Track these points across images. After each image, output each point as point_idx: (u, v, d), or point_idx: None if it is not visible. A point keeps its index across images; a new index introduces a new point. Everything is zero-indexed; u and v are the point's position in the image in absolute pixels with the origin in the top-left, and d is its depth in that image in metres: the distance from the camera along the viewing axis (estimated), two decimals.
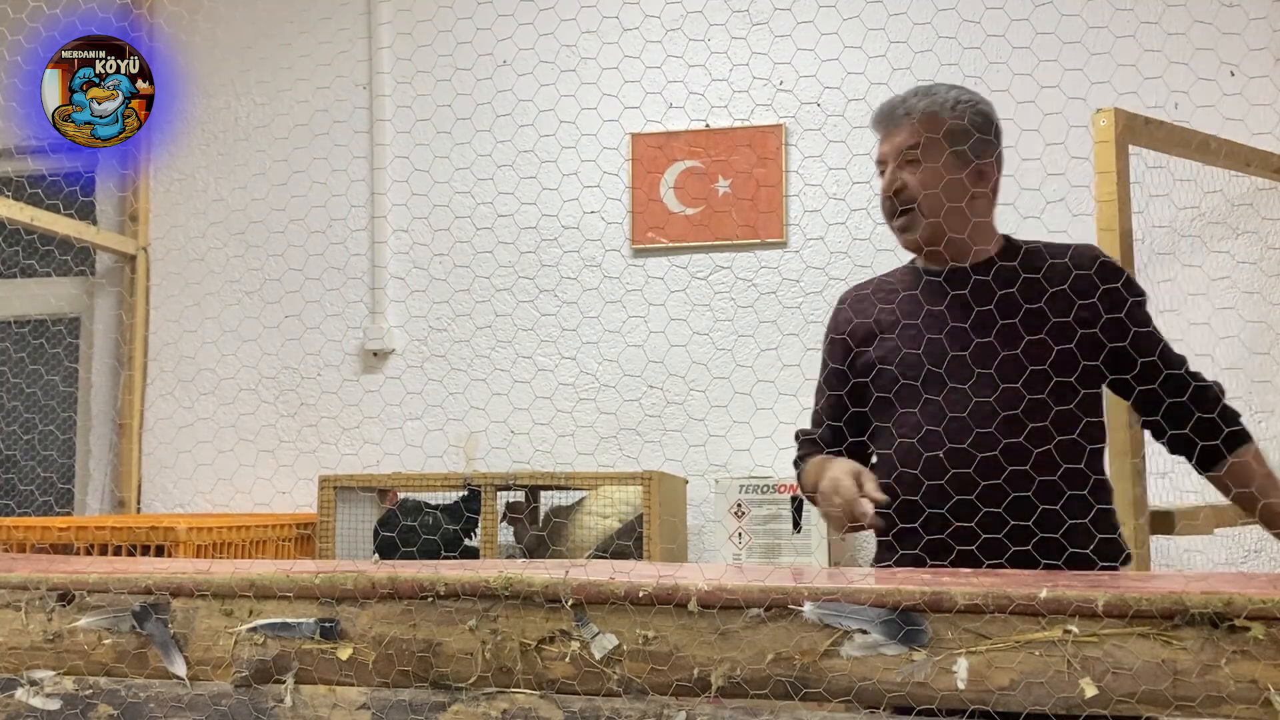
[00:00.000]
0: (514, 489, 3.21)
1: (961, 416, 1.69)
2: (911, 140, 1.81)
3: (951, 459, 1.67)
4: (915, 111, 1.83)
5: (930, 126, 1.81)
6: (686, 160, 3.51)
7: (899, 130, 1.84)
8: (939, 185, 1.78)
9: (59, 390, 4.06)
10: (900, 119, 1.84)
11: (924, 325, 1.80)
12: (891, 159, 1.84)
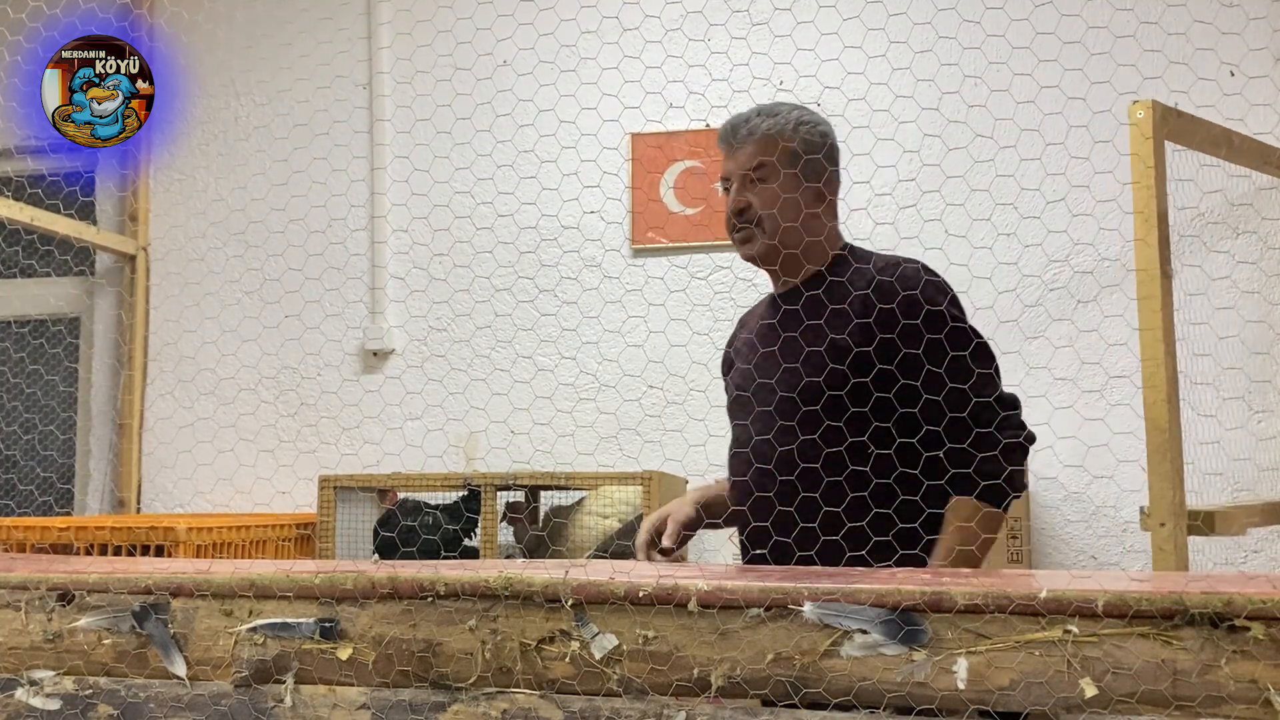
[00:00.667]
0: (514, 489, 3.21)
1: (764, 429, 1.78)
2: (755, 160, 1.87)
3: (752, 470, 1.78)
4: (759, 132, 1.88)
5: (773, 147, 1.87)
6: (686, 160, 3.51)
7: (743, 149, 1.89)
8: (780, 205, 1.84)
9: (59, 390, 4.06)
10: (744, 139, 1.89)
11: (756, 341, 1.91)
12: (736, 177, 1.90)
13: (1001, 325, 3.25)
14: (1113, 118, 3.13)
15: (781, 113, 1.90)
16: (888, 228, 3.33)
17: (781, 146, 1.87)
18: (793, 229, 1.85)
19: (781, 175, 1.85)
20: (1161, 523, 2.20)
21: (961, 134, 3.27)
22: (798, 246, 1.87)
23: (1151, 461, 2.20)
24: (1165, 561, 2.17)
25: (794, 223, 1.85)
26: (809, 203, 1.87)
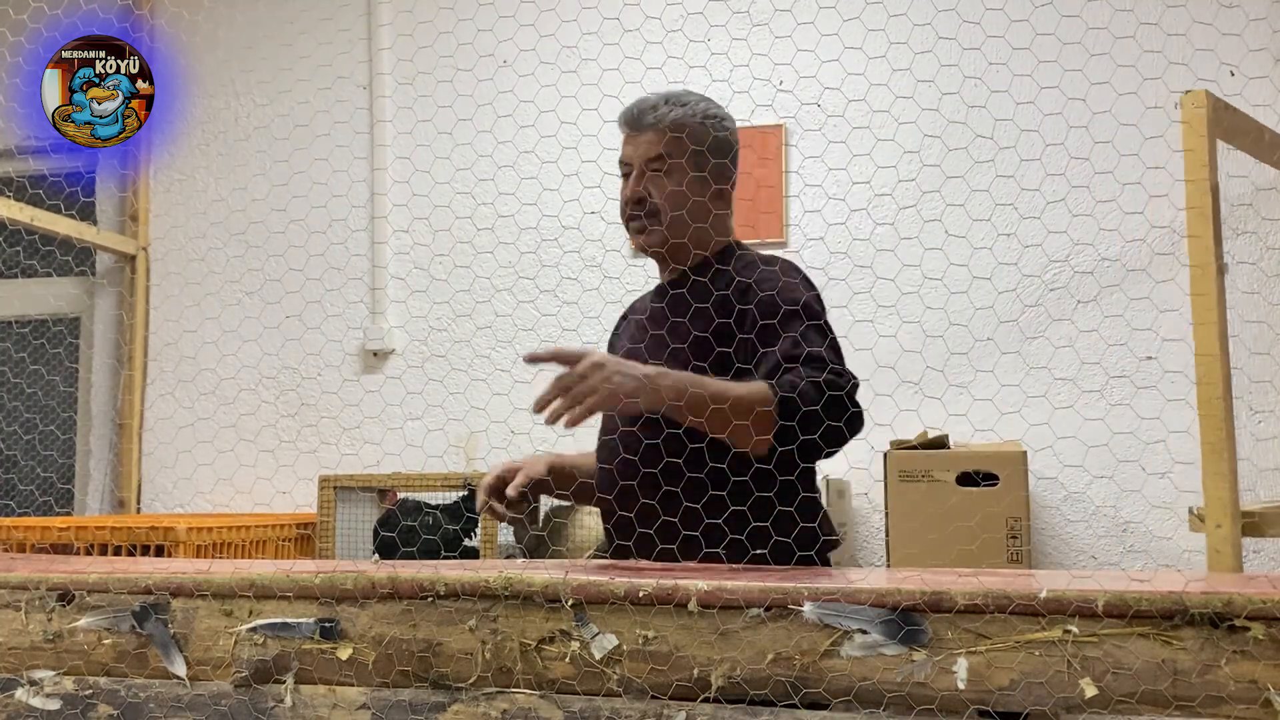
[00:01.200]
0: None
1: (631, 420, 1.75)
2: (659, 149, 1.85)
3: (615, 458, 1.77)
4: (665, 121, 1.87)
5: (677, 138, 1.85)
6: None
7: (645, 136, 1.87)
8: (681, 197, 1.82)
9: (59, 390, 4.06)
10: (649, 126, 1.88)
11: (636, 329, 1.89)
12: (637, 163, 1.87)
13: (1001, 325, 3.25)
14: (1112, 118, 3.13)
15: (689, 103, 1.89)
16: (888, 228, 3.34)
17: (685, 139, 1.85)
18: (688, 221, 1.83)
19: (682, 168, 1.83)
20: (1218, 524, 2.16)
21: (961, 135, 3.27)
22: (690, 237, 1.84)
23: (1206, 461, 2.16)
24: (1221, 563, 2.11)
25: (692, 219, 1.83)
26: (707, 197, 1.85)
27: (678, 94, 1.91)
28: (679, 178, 1.83)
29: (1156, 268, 3.20)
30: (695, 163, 1.84)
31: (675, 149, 1.84)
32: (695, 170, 1.84)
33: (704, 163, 1.85)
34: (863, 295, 3.34)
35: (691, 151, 1.84)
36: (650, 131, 1.87)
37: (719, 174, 1.87)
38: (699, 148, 1.85)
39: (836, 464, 3.24)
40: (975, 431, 3.19)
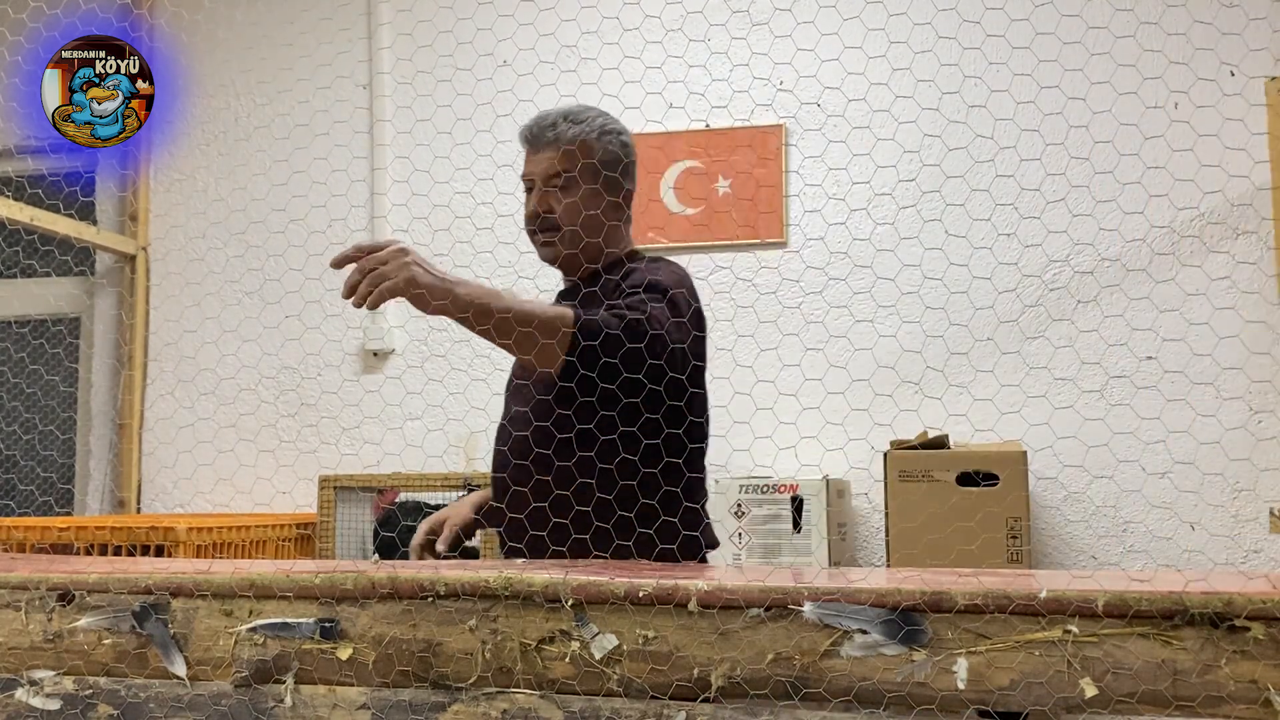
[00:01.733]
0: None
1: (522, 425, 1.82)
2: (558, 166, 1.92)
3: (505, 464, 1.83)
4: (564, 138, 1.92)
5: (575, 156, 1.91)
6: (686, 160, 3.51)
7: (545, 153, 1.94)
8: (576, 211, 1.90)
9: (59, 390, 4.06)
10: (548, 143, 1.94)
11: None
12: (538, 180, 1.95)
13: (1001, 325, 3.25)
14: (1112, 118, 3.13)
15: (587, 119, 1.95)
16: (888, 228, 3.34)
17: (581, 154, 1.91)
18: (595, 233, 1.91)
19: (578, 183, 1.91)
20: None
21: (961, 134, 3.27)
22: (584, 250, 1.92)
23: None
24: None
25: (591, 235, 1.90)
26: (606, 212, 1.92)
27: (575, 110, 1.97)
28: (575, 192, 1.91)
29: (1156, 268, 3.20)
30: (591, 177, 1.91)
31: (572, 165, 1.91)
32: (591, 184, 1.91)
33: (599, 177, 1.92)
34: (863, 295, 3.34)
35: (587, 166, 1.91)
36: (549, 149, 1.94)
37: (612, 187, 1.94)
38: (594, 162, 1.92)
39: (837, 464, 3.24)
40: (975, 431, 3.19)
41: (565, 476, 1.73)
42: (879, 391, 3.24)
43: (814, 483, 3.00)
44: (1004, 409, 3.18)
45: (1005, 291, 3.27)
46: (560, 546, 1.69)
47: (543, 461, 1.75)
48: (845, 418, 3.22)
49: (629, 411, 1.71)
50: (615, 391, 1.65)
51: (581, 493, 1.73)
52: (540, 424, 1.77)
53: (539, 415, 1.79)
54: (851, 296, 3.34)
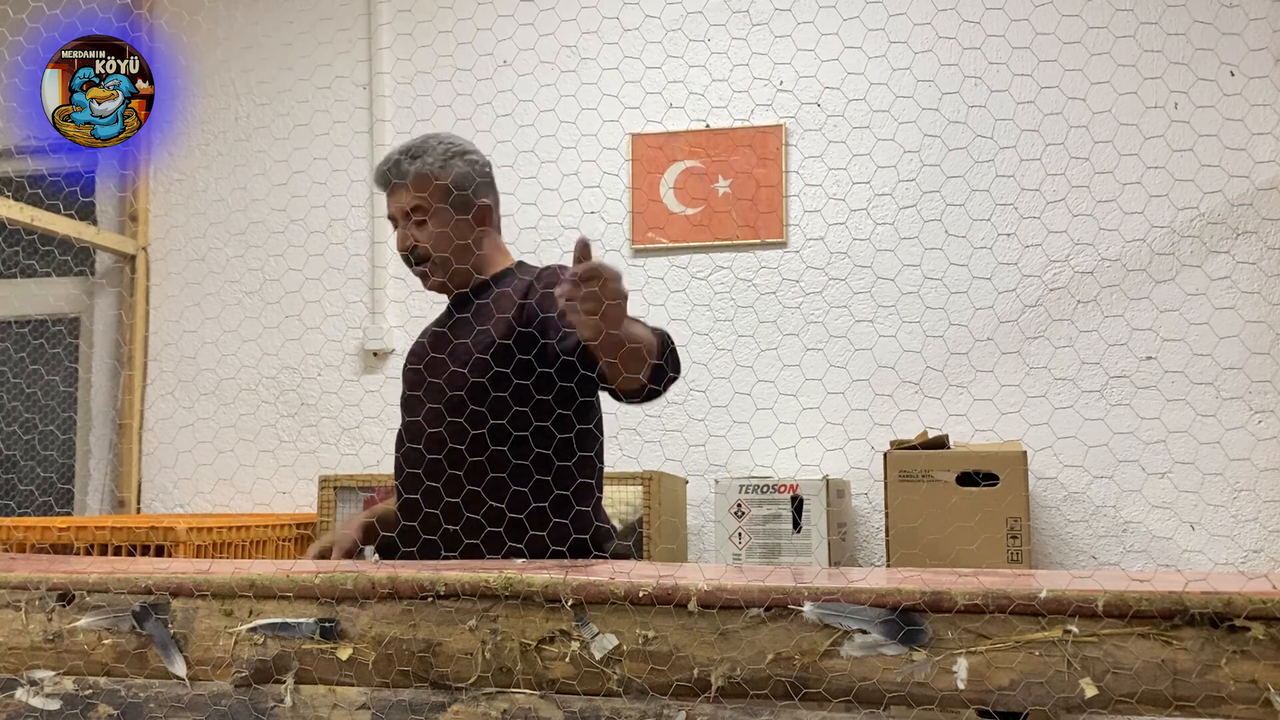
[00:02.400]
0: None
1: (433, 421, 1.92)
2: (412, 203, 1.98)
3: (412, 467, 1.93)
4: (409, 175, 1.98)
5: (425, 187, 1.98)
6: (686, 160, 3.51)
7: (399, 193, 2.00)
8: (446, 238, 1.98)
9: (59, 390, 4.06)
10: (398, 184, 1.99)
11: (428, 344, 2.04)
12: (399, 217, 2.01)
13: (1001, 325, 3.25)
14: (1112, 118, 3.13)
15: (428, 150, 1.99)
16: (888, 228, 3.34)
17: (434, 185, 1.97)
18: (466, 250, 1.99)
19: (438, 213, 1.97)
20: None
21: (961, 134, 3.28)
22: (462, 274, 2.00)
23: None
24: None
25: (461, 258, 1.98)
26: (468, 231, 1.99)
27: (417, 144, 2.02)
28: (438, 221, 1.98)
29: (1156, 268, 3.20)
30: (449, 203, 1.97)
31: (427, 198, 1.97)
32: (451, 209, 1.98)
33: (456, 200, 1.98)
34: (863, 295, 3.34)
35: (439, 194, 1.97)
36: (400, 189, 1.99)
37: (466, 206, 2.00)
38: (445, 186, 1.98)
39: (837, 464, 3.24)
40: (975, 431, 3.19)
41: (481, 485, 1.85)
42: (879, 391, 3.24)
43: (814, 483, 3.00)
44: (1004, 409, 3.18)
45: (1005, 291, 3.27)
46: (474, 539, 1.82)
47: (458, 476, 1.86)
48: (845, 418, 3.22)
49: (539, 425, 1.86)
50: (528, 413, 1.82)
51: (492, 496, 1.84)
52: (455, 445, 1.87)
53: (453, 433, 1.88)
54: (851, 296, 3.34)
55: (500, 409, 1.85)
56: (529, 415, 1.85)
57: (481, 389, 1.86)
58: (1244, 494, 3.11)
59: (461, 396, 1.87)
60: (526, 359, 1.86)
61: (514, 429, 1.84)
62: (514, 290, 1.96)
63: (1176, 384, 3.11)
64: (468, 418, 1.86)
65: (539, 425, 1.85)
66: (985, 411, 3.16)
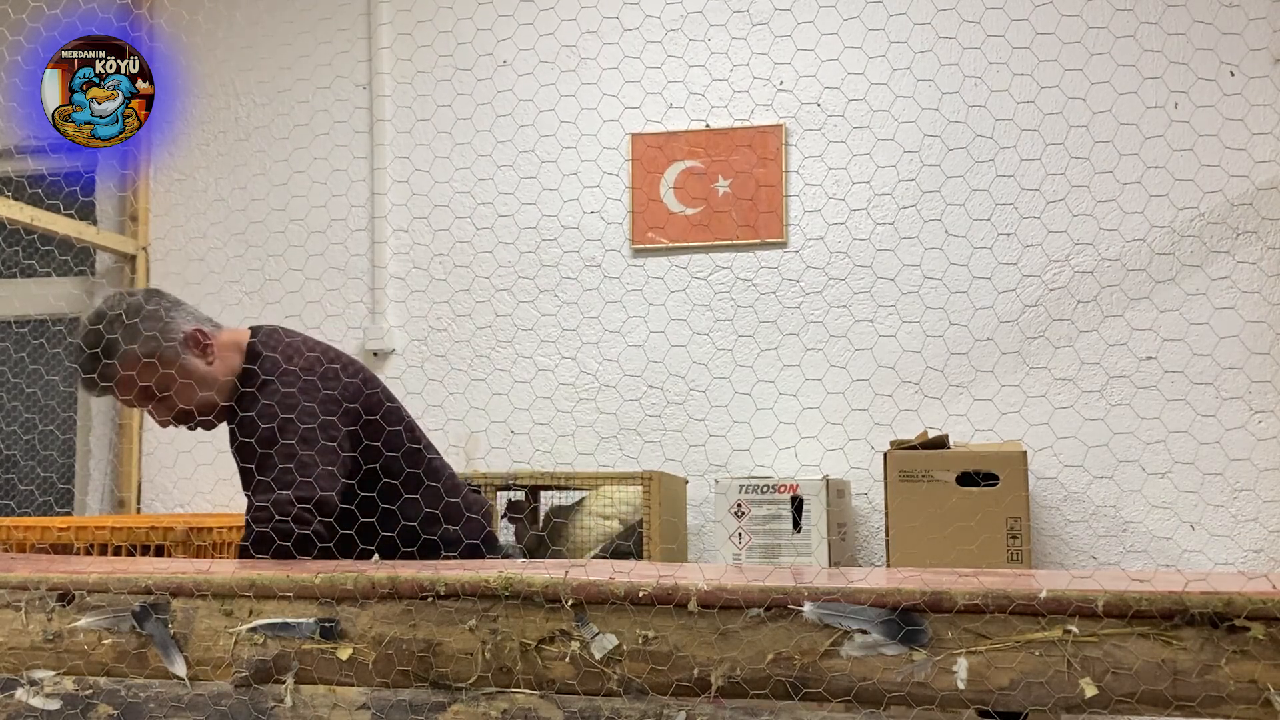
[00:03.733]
0: (514, 489, 3.20)
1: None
2: (130, 398, 2.00)
3: None
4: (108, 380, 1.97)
5: (128, 381, 1.96)
6: (686, 160, 3.51)
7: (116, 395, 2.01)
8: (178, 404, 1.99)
9: (59, 390, 4.06)
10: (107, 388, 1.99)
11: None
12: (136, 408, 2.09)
13: (1001, 325, 3.25)
14: (1112, 118, 3.13)
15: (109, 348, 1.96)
16: (888, 228, 3.34)
17: (130, 373, 1.96)
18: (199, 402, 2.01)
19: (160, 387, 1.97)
20: None
21: (961, 134, 3.28)
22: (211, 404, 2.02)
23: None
24: None
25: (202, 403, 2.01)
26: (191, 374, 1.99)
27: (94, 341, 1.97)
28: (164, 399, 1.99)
29: (1156, 268, 3.20)
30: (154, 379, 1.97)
31: (143, 389, 1.97)
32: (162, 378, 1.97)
33: (154, 370, 1.96)
34: (863, 295, 3.34)
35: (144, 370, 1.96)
36: (112, 392, 2.00)
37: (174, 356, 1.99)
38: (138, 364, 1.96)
39: (837, 464, 3.24)
40: (975, 431, 3.19)
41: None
42: (879, 391, 3.24)
43: (814, 483, 3.00)
44: (1004, 409, 3.18)
45: (1005, 291, 3.27)
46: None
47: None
48: (845, 418, 3.22)
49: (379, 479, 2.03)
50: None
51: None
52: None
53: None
54: (851, 296, 3.34)
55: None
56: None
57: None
58: (1244, 494, 3.11)
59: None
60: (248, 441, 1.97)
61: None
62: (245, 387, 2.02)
63: (1176, 384, 3.11)
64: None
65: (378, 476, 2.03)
66: (985, 411, 3.16)
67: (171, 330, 1.99)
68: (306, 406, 1.92)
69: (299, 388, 1.94)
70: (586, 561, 1.75)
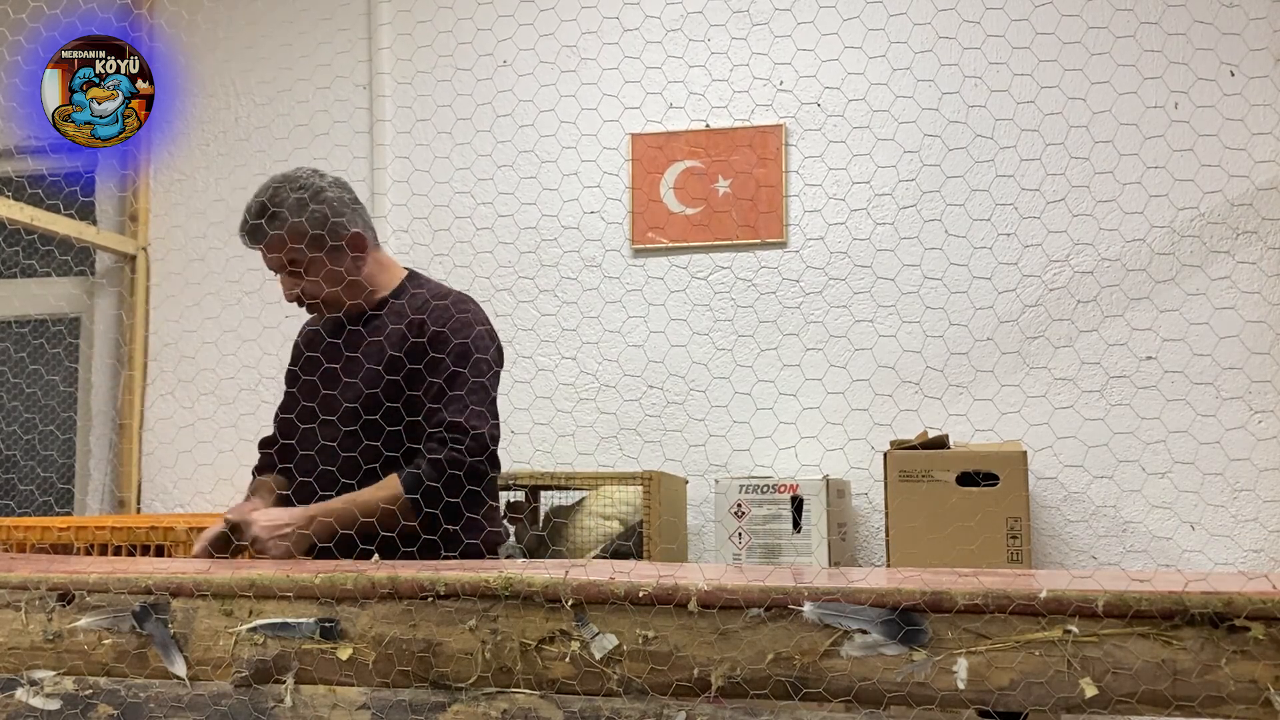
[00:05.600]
0: (514, 489, 3.20)
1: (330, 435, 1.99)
2: (282, 259, 2.01)
3: (318, 471, 2.00)
4: (269, 235, 1.99)
5: (283, 245, 2.00)
6: (686, 160, 3.51)
7: (267, 249, 2.02)
8: (328, 281, 2.02)
9: (59, 390, 4.06)
10: (260, 243, 2.02)
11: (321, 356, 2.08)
12: (276, 269, 2.05)
13: (1001, 325, 3.25)
14: (1112, 118, 3.13)
15: (281, 203, 1.99)
16: (888, 228, 3.34)
17: (297, 236, 1.99)
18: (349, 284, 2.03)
19: (311, 262, 2.00)
20: None
21: (961, 134, 3.27)
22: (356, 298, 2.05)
23: None
24: None
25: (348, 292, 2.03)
26: (346, 265, 2.03)
27: (269, 197, 2.01)
28: (313, 269, 2.01)
29: (1156, 268, 3.20)
30: (316, 246, 2.00)
31: (296, 251, 2.00)
32: (323, 255, 2.00)
33: (323, 242, 2.00)
34: (863, 295, 3.34)
35: (308, 244, 2.00)
36: (264, 247, 2.02)
37: (335, 245, 2.02)
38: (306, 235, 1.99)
39: (837, 464, 3.24)
40: (975, 431, 3.19)
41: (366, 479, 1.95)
42: (879, 391, 3.24)
43: (814, 483, 3.00)
44: (1004, 409, 3.18)
45: (1005, 291, 3.27)
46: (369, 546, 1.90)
47: (351, 468, 1.95)
48: (845, 418, 3.22)
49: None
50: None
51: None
52: (348, 455, 1.96)
53: (363, 433, 1.96)
54: (851, 296, 3.34)
55: (390, 424, 1.95)
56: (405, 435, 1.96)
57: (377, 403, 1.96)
58: (1244, 494, 3.11)
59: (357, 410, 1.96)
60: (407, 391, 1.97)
61: (400, 445, 1.94)
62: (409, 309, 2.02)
63: (1176, 384, 3.11)
64: (366, 430, 1.95)
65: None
66: (985, 411, 3.16)
67: (339, 224, 2.02)
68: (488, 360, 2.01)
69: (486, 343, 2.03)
70: (586, 561, 1.75)
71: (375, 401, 1.95)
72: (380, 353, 1.98)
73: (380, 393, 1.95)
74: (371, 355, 1.99)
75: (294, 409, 2.10)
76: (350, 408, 1.97)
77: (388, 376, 1.95)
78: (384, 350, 1.98)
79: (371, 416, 1.94)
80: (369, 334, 2.02)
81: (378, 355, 1.98)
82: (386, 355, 1.97)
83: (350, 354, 2.00)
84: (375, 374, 1.96)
